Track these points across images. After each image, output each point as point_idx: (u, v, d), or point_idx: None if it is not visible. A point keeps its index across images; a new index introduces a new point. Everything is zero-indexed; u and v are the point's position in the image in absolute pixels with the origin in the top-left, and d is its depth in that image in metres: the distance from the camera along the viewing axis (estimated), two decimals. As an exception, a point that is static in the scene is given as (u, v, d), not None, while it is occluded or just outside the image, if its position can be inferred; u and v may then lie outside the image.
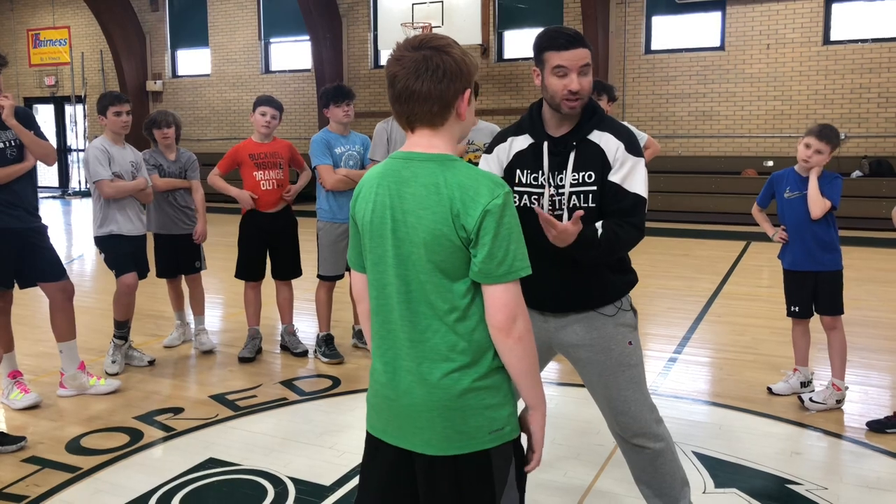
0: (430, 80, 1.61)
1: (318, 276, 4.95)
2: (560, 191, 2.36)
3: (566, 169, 2.35)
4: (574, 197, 2.35)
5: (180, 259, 5.09)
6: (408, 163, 1.67)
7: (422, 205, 1.62)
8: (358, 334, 5.17)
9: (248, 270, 4.97)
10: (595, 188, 2.34)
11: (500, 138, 2.50)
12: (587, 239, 2.27)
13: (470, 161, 4.60)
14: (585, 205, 2.34)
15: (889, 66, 11.66)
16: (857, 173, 11.46)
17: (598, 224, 2.32)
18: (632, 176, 2.34)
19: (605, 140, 2.35)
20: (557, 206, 2.37)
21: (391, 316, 1.70)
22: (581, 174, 2.34)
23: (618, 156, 2.33)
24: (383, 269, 1.69)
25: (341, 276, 4.96)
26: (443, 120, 1.67)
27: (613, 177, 2.33)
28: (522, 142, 2.43)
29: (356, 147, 4.90)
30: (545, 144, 2.38)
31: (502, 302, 1.60)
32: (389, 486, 1.77)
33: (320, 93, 4.98)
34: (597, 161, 2.34)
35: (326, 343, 4.90)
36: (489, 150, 2.50)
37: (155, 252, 5.01)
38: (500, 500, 1.69)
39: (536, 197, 2.38)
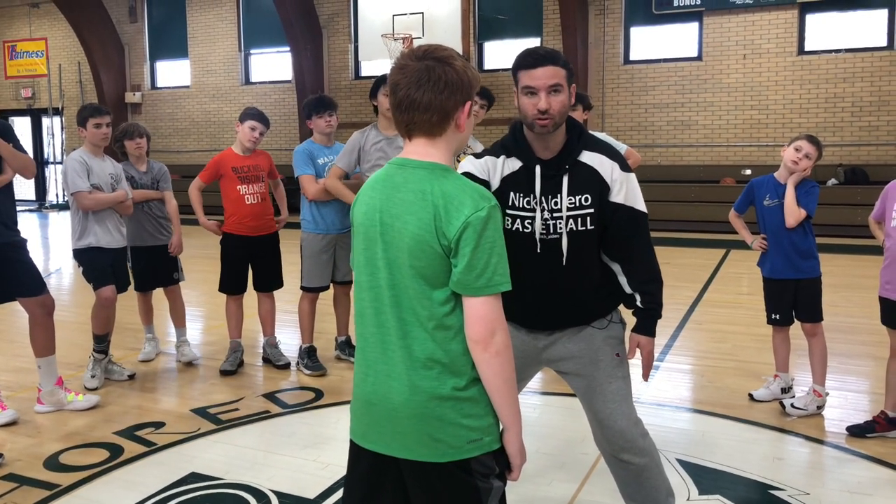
0: (432, 91, 1.64)
1: (302, 287, 4.92)
2: (556, 215, 2.33)
3: (561, 193, 2.32)
4: (571, 220, 2.33)
5: (159, 271, 5.05)
6: (401, 169, 1.70)
7: (408, 210, 1.64)
8: (341, 346, 5.14)
9: (232, 284, 4.94)
10: (593, 210, 2.33)
11: (491, 152, 2.44)
12: (651, 319, 2.41)
13: None
14: (583, 228, 2.32)
15: (862, 75, 11.87)
16: (832, 181, 11.63)
17: (628, 288, 2.42)
18: (633, 193, 2.37)
19: (598, 161, 2.35)
20: (553, 230, 2.34)
21: (377, 319, 1.71)
22: (577, 197, 2.32)
23: (615, 176, 2.34)
24: (373, 272, 1.71)
25: (326, 288, 4.94)
26: (441, 130, 1.69)
27: (616, 198, 2.34)
28: (512, 164, 2.38)
29: None
30: (537, 168, 2.34)
31: (479, 314, 1.61)
32: (370, 493, 1.77)
33: (303, 104, 4.96)
34: (593, 183, 2.33)
35: (309, 355, 4.87)
36: (479, 155, 2.45)
37: (132, 265, 4.97)
38: None
39: (530, 221, 2.35)
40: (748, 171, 12.11)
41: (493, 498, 1.70)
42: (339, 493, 3.11)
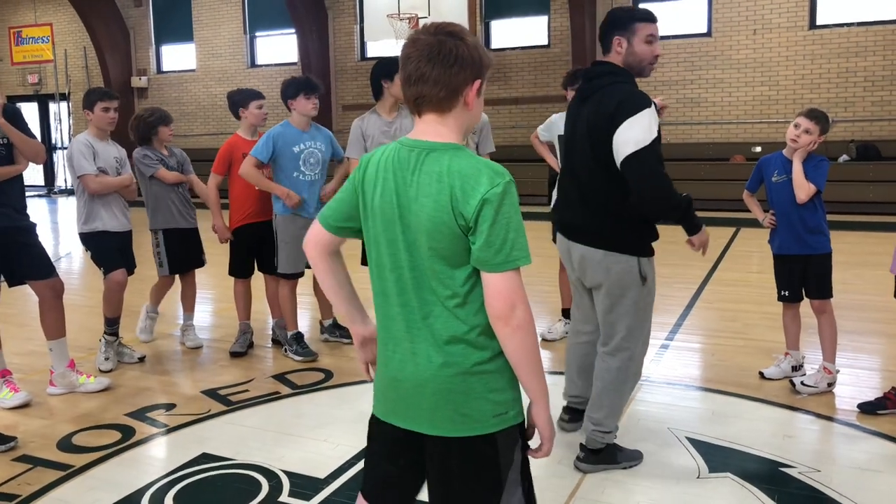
0: (442, 65, 1.63)
1: (280, 274, 4.76)
2: None
3: None
4: None
5: (190, 253, 5.05)
6: (413, 150, 1.69)
7: (424, 193, 1.63)
8: (329, 329, 5.12)
9: (240, 268, 4.95)
10: None
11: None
12: None
13: None
14: None
15: (875, 49, 11.71)
16: (844, 158, 11.52)
17: None
18: None
19: None
20: None
21: (401, 299, 1.72)
22: None
23: None
24: (394, 252, 1.71)
25: (302, 274, 4.81)
26: (450, 106, 1.67)
27: None
28: None
29: (318, 144, 4.70)
30: None
31: (498, 290, 1.62)
32: (391, 468, 1.81)
33: (286, 83, 4.68)
34: None
35: (297, 341, 4.80)
36: (649, 103, 2.88)
37: (166, 248, 4.94)
38: (506, 482, 1.71)
39: None
40: (758, 149, 12.02)
41: (514, 470, 1.73)
42: (350, 473, 3.13)
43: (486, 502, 1.71)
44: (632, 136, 2.80)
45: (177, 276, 5.15)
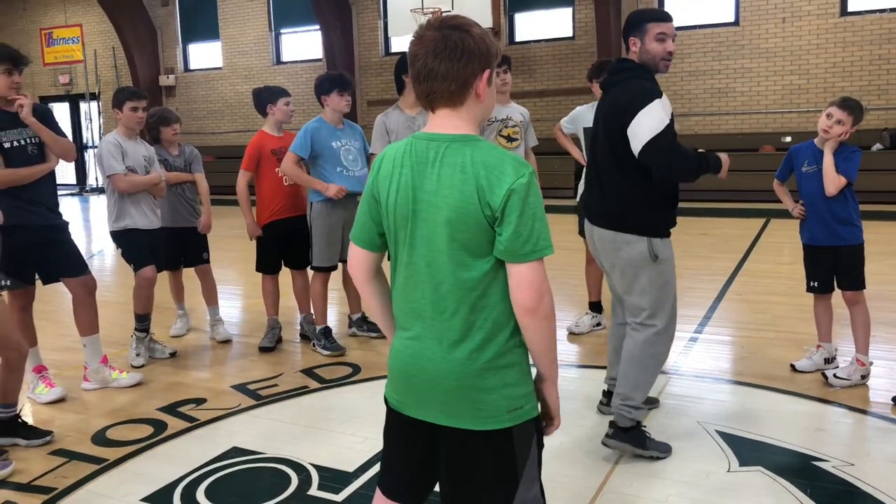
0: (449, 59, 1.63)
1: (313, 267, 4.82)
2: None
3: None
4: None
5: (190, 251, 5.15)
6: (431, 143, 1.69)
7: (447, 184, 1.63)
8: (357, 323, 5.15)
9: (267, 264, 4.99)
10: None
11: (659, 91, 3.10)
12: None
13: (509, 136, 4.63)
14: None
15: (909, 35, 11.43)
16: (877, 146, 11.28)
17: None
18: None
19: None
20: None
21: (415, 294, 1.72)
22: None
23: None
24: (410, 249, 1.71)
25: (335, 268, 4.85)
26: (461, 99, 1.67)
27: None
28: None
29: (353, 142, 4.75)
30: None
31: (527, 280, 1.62)
32: (408, 458, 1.82)
33: (321, 79, 4.76)
34: None
35: (325, 336, 4.83)
36: (658, 94, 3.06)
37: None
38: (522, 477, 1.71)
39: None
40: (788, 139, 11.80)
41: (531, 465, 1.73)
42: (378, 466, 3.14)
43: (501, 496, 1.70)
44: (645, 126, 2.99)
45: (194, 273, 5.25)
